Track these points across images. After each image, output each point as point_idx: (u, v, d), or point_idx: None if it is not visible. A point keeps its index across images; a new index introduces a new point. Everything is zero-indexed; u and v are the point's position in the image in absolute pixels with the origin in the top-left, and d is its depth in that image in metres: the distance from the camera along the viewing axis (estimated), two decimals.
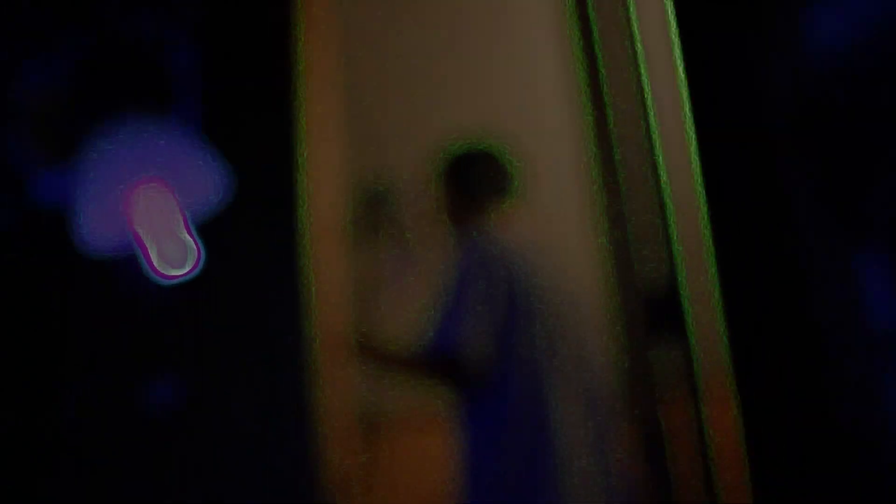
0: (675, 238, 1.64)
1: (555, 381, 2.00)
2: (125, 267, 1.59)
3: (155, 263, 1.46)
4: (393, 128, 2.36)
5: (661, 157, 1.65)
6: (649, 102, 1.66)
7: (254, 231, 1.83)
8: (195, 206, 1.57)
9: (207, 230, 1.72)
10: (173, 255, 1.46)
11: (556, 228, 2.31)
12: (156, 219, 1.49)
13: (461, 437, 2.03)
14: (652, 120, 1.65)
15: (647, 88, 1.67)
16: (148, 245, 1.47)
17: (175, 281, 1.46)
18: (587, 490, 1.98)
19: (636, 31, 1.66)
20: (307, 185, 1.92)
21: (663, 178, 1.66)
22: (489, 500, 1.95)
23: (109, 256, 1.54)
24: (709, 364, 1.60)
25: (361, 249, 2.09)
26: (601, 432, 2.02)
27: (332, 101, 2.05)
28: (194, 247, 1.46)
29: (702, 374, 1.61)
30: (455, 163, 2.23)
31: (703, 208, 1.57)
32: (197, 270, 1.45)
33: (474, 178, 2.21)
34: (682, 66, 1.64)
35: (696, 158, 1.61)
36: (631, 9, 1.70)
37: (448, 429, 2.16)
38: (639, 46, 1.67)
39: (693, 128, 1.61)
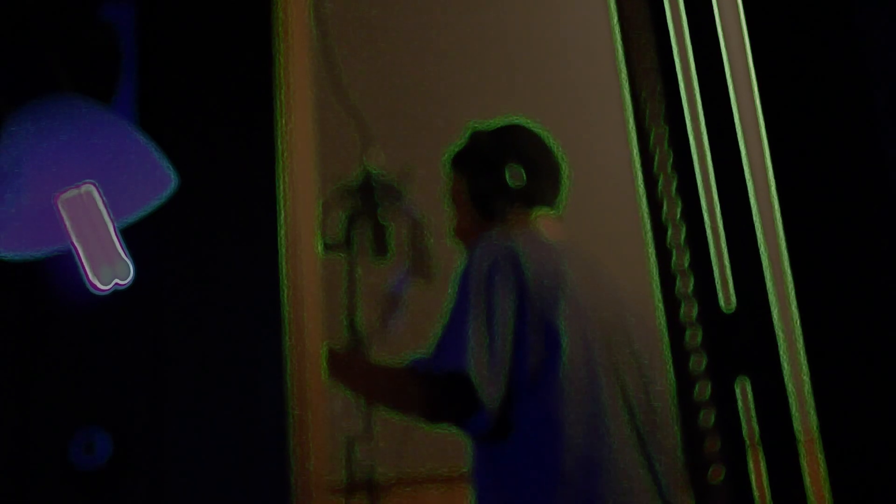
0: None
1: (609, 426, 1.58)
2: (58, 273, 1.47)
3: (88, 274, 1.40)
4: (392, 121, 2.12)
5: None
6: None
7: (223, 242, 1.64)
8: (134, 211, 1.45)
9: (168, 237, 1.59)
10: (103, 266, 1.40)
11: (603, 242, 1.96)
12: (85, 227, 1.40)
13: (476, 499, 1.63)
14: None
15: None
16: (79, 254, 1.40)
17: (107, 293, 1.42)
18: None
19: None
20: (287, 180, 1.68)
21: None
22: None
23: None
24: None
25: (351, 259, 1.76)
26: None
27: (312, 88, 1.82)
28: (125, 259, 1.39)
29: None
30: (473, 145, 1.79)
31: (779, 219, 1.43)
32: (128, 284, 1.40)
33: (497, 167, 1.74)
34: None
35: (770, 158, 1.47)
36: None
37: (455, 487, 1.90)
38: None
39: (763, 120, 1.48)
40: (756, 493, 1.40)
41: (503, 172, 1.70)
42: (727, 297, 1.44)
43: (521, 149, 1.75)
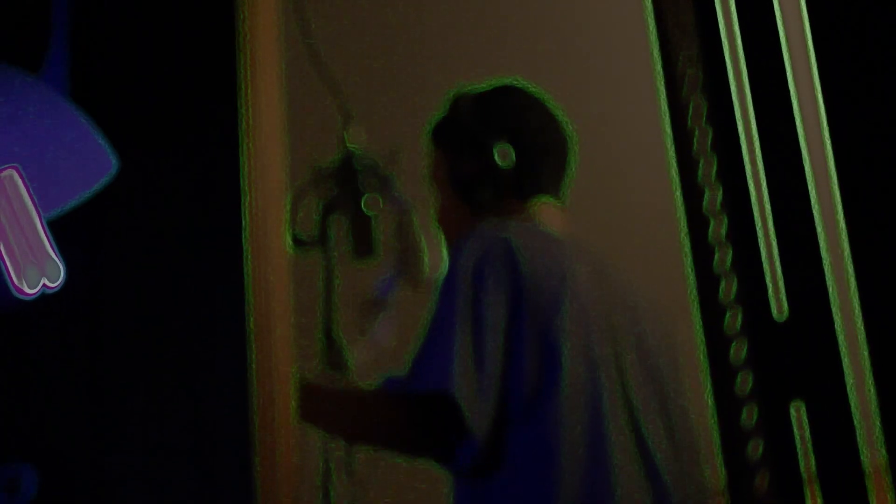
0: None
1: (614, 461, 1.46)
2: None
3: (10, 276, 1.41)
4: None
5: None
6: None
7: (174, 237, 1.57)
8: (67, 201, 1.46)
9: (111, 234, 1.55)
10: (29, 267, 1.34)
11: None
12: (6, 219, 1.39)
13: None
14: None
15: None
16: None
17: (33, 297, 1.41)
18: None
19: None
20: (251, 164, 1.60)
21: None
22: None
23: None
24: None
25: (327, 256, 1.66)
26: None
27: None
28: (55, 258, 1.39)
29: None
30: (454, 115, 1.66)
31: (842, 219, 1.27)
32: (58, 287, 1.42)
33: (492, 138, 1.60)
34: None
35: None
36: None
37: None
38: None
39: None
40: None
41: (490, 152, 1.56)
42: (779, 302, 1.32)
43: (513, 120, 1.61)
